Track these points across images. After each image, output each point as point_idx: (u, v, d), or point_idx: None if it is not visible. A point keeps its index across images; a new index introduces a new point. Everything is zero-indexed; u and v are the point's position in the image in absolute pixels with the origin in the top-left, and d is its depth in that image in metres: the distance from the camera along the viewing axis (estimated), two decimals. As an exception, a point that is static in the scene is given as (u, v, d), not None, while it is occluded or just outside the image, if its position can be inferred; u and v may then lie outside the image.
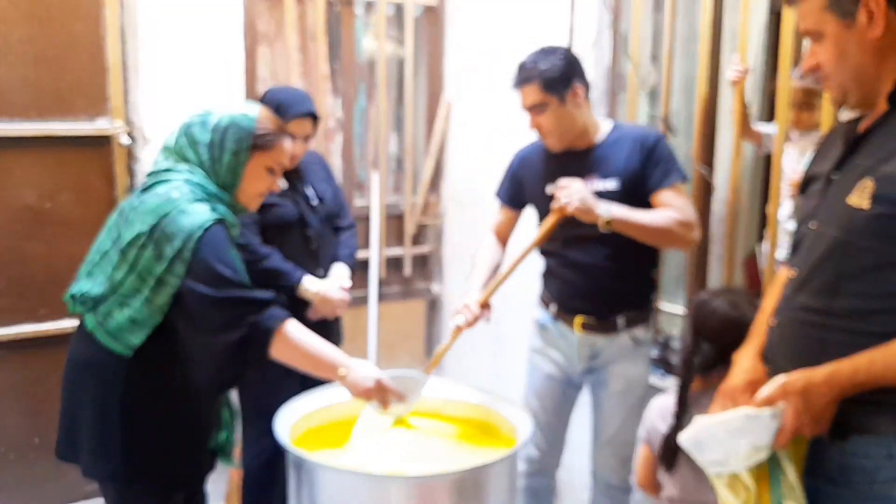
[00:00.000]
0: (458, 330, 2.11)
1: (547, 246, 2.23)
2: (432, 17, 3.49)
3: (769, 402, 1.27)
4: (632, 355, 2.24)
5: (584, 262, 2.18)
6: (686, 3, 2.66)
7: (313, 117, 2.49)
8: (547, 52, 2.14)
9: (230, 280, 1.62)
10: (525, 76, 2.13)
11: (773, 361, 1.43)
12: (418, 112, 3.58)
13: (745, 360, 1.49)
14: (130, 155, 2.79)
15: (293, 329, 1.68)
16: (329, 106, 3.33)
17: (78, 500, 2.86)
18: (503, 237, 2.39)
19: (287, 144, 1.81)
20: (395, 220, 3.55)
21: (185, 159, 1.72)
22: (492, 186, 2.47)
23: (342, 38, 3.32)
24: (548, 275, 2.32)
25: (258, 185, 1.77)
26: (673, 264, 2.85)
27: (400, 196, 3.58)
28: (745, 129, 2.48)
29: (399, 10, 3.44)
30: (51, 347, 2.76)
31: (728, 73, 2.40)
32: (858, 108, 1.38)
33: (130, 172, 2.81)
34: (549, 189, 2.18)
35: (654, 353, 2.65)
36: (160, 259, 1.60)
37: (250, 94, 2.99)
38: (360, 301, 3.30)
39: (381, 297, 3.39)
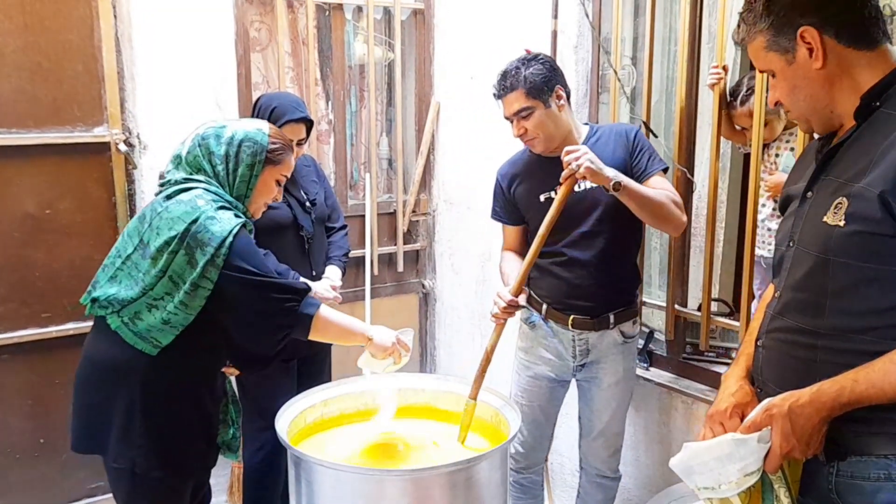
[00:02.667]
0: (498, 322, 2.12)
1: (546, 245, 2.22)
2: (420, 21, 3.54)
3: (755, 426, 1.25)
4: (621, 350, 2.31)
5: (581, 259, 2.22)
6: (665, 6, 2.72)
7: (307, 122, 2.54)
8: (527, 59, 2.20)
9: (265, 276, 1.76)
10: (509, 84, 2.17)
11: (762, 383, 1.42)
12: (408, 113, 3.63)
13: (732, 382, 1.45)
14: (128, 161, 2.84)
15: (327, 312, 1.87)
16: (321, 109, 3.39)
17: (82, 499, 2.93)
18: (519, 250, 2.40)
19: (292, 159, 1.93)
20: (387, 219, 3.62)
21: (199, 169, 1.82)
22: (480, 184, 2.52)
23: (333, 43, 3.37)
24: (538, 275, 2.34)
25: (266, 195, 1.90)
26: (656, 258, 2.93)
27: (392, 195, 3.64)
28: (726, 129, 2.55)
29: (388, 13, 3.49)
30: (54, 350, 2.82)
31: (707, 78, 2.46)
32: (823, 132, 1.39)
33: (129, 179, 2.86)
34: (543, 197, 2.25)
35: (639, 344, 2.74)
36: (192, 264, 1.70)
37: (244, 99, 3.03)
38: (355, 297, 3.37)
39: (376, 293, 3.47)
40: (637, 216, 2.13)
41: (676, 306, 2.61)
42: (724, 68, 2.40)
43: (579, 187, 2.19)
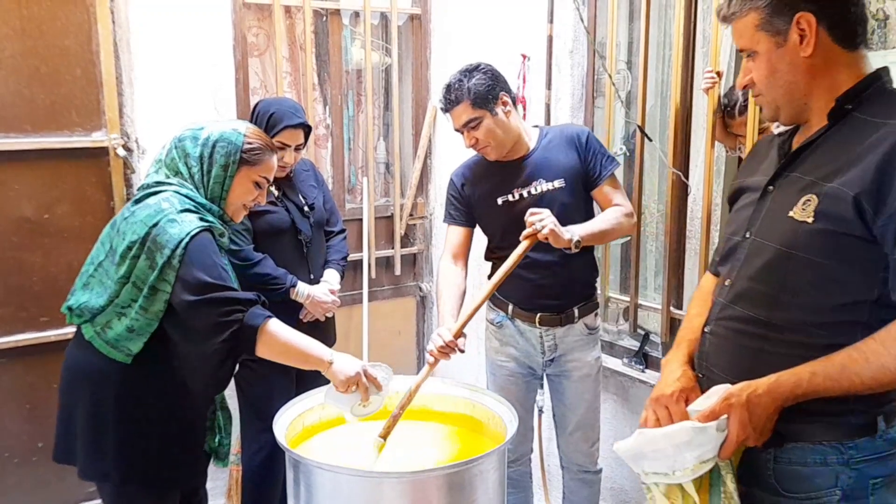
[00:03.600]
0: (433, 363, 2.08)
1: (502, 252, 2.26)
2: (417, 26, 3.56)
3: (714, 415, 1.27)
4: (587, 342, 2.38)
5: (544, 260, 2.27)
6: (660, 11, 2.74)
7: (305, 128, 2.56)
8: (469, 70, 2.24)
9: (213, 284, 1.68)
10: (454, 97, 2.22)
11: (707, 369, 1.44)
12: (405, 118, 3.65)
13: (675, 367, 1.47)
14: (127, 166, 2.84)
15: (276, 327, 1.74)
16: (318, 114, 3.40)
17: (80, 502, 2.93)
18: (462, 257, 2.42)
19: (273, 160, 1.89)
20: (384, 222, 3.63)
21: (177, 172, 1.79)
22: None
23: (330, 48, 3.38)
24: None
25: (244, 197, 1.85)
26: (651, 261, 2.94)
27: (389, 199, 3.65)
28: (720, 133, 2.57)
29: (385, 18, 3.51)
30: (52, 354, 2.81)
31: (702, 83, 2.48)
32: (789, 123, 1.40)
33: (127, 183, 2.86)
34: (501, 200, 2.30)
35: (634, 347, 2.76)
36: (153, 267, 1.67)
37: (242, 104, 3.05)
38: (353, 300, 3.38)
39: (373, 296, 3.48)
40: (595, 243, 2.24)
41: (671, 308, 2.62)
42: (719, 73, 2.42)
43: (536, 190, 2.27)
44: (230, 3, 2.98)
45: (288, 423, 1.99)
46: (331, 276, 2.72)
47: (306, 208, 2.64)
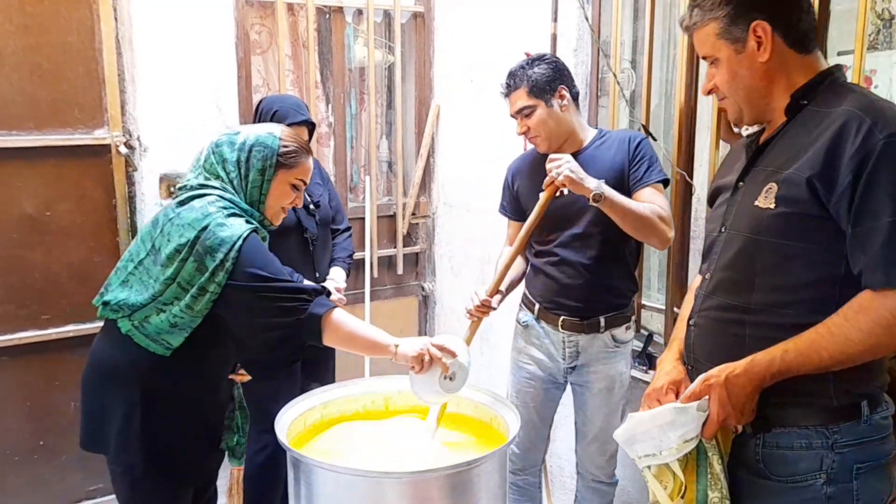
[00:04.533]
0: (472, 318, 2.17)
1: (537, 245, 2.31)
2: (420, 24, 3.55)
3: (695, 396, 1.34)
4: (613, 354, 2.31)
5: (572, 260, 2.24)
6: (664, 10, 2.73)
7: (309, 125, 2.55)
8: (534, 59, 2.25)
9: (273, 278, 1.72)
10: (514, 83, 2.23)
11: (693, 360, 1.51)
12: (408, 116, 3.64)
13: (667, 364, 1.56)
14: (129, 164, 2.84)
15: (341, 316, 1.77)
16: (321, 112, 3.39)
17: (81, 500, 2.93)
18: None
19: (309, 162, 1.89)
20: (387, 221, 3.62)
21: (217, 176, 1.81)
22: (479, 186, 2.54)
23: (333, 46, 3.38)
24: (532, 274, 2.38)
25: (282, 200, 1.86)
26: (654, 261, 2.93)
27: (391, 198, 3.65)
28: (725, 132, 2.56)
29: (388, 16, 3.50)
30: (53, 352, 2.83)
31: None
32: (752, 123, 1.48)
33: (129, 181, 2.86)
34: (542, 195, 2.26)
35: (638, 347, 2.74)
36: (202, 270, 1.68)
37: (244, 102, 3.04)
38: (355, 299, 3.38)
39: (375, 295, 3.47)
40: (620, 226, 2.13)
41: (675, 309, 2.61)
42: None
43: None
44: (233, 1, 2.98)
45: (289, 422, 1.98)
46: (337, 275, 2.71)
47: (312, 206, 2.63)
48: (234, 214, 1.75)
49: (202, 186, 1.78)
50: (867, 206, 1.24)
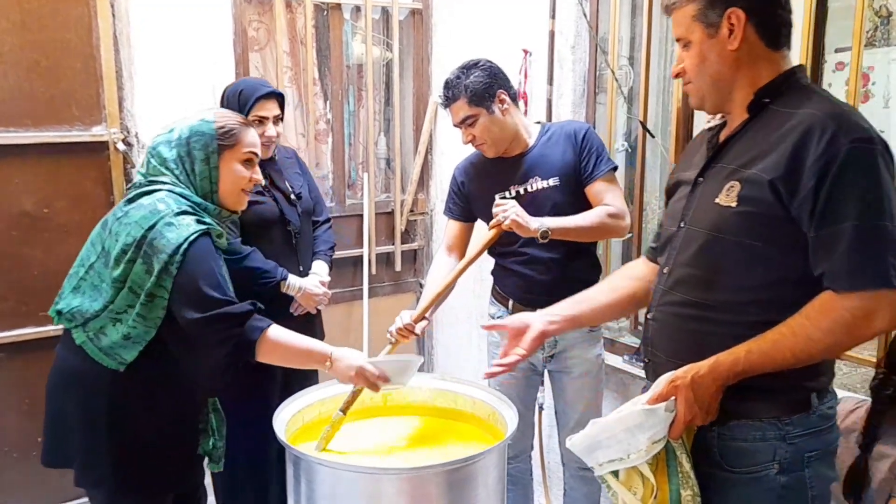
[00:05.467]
0: (394, 342, 2.15)
1: (503, 246, 2.33)
2: (418, 20, 3.55)
3: (661, 397, 1.35)
4: (587, 340, 2.37)
5: (542, 257, 2.28)
6: (662, 6, 2.73)
7: (277, 97, 2.49)
8: (468, 66, 2.26)
9: (214, 299, 1.64)
10: (451, 94, 2.24)
11: (652, 353, 1.54)
12: (406, 113, 3.64)
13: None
14: (126, 161, 2.84)
15: (276, 333, 1.73)
16: (319, 109, 3.39)
17: (80, 497, 2.92)
18: (458, 250, 2.45)
19: (252, 134, 1.82)
20: (385, 218, 3.62)
21: (167, 171, 1.74)
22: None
23: (331, 43, 3.38)
24: (503, 273, 2.41)
25: (238, 182, 1.79)
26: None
27: (389, 194, 3.65)
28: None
29: (386, 13, 3.50)
30: (52, 349, 2.71)
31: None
32: (713, 112, 1.50)
33: (127, 178, 2.86)
34: (498, 196, 2.29)
35: (635, 343, 2.75)
36: (150, 272, 1.63)
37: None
38: (353, 296, 3.38)
39: (374, 292, 3.48)
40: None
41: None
42: None
43: (531, 187, 2.28)
44: (231, -3, 2.98)
45: (287, 419, 1.98)
46: (320, 268, 2.66)
47: (293, 197, 2.58)
48: (184, 212, 1.68)
49: (151, 183, 1.73)
50: (831, 210, 1.26)
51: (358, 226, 3.46)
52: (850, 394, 2.05)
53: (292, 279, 2.51)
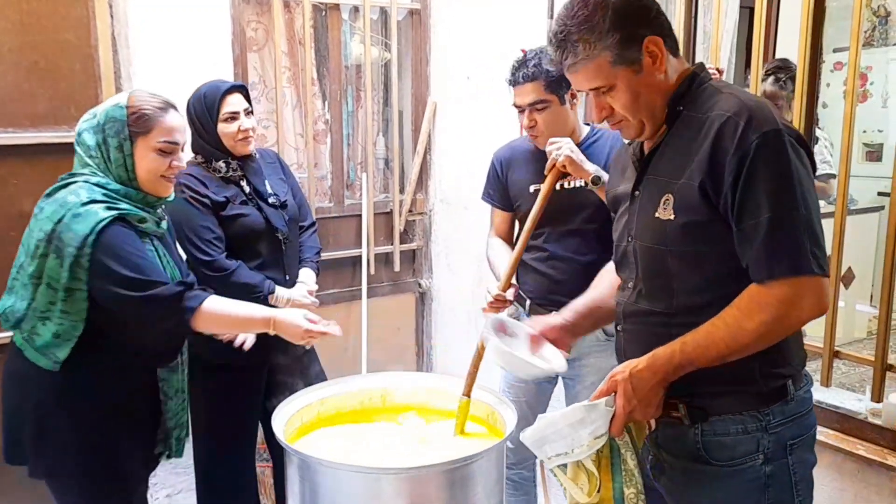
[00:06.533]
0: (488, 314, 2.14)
1: (532, 240, 2.27)
2: (417, 21, 3.55)
3: (602, 394, 1.40)
4: (603, 349, 2.31)
5: (562, 255, 2.26)
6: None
7: (241, 90, 2.44)
8: (548, 51, 2.20)
9: (139, 281, 1.63)
10: (529, 73, 2.15)
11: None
12: (405, 113, 3.64)
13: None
14: (124, 161, 2.84)
15: (212, 305, 1.74)
16: (318, 109, 3.39)
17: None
18: (506, 236, 2.42)
19: (169, 119, 1.75)
20: (384, 218, 3.62)
21: (86, 166, 1.73)
22: (476, 184, 2.53)
23: (329, 43, 3.38)
24: (522, 271, 2.37)
25: (155, 170, 1.73)
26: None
27: (388, 195, 3.65)
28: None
29: (384, 13, 3.50)
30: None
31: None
32: (651, 136, 1.48)
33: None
34: (533, 188, 2.26)
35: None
36: (62, 266, 1.60)
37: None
38: (352, 296, 3.38)
39: (373, 292, 3.48)
40: None
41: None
42: (719, 70, 2.41)
43: (569, 184, 2.22)
44: (229, -2, 2.98)
45: (286, 418, 1.98)
46: (307, 276, 2.60)
47: (272, 198, 2.49)
48: (93, 201, 1.64)
49: (71, 175, 1.71)
50: (747, 204, 1.30)
51: (356, 226, 3.46)
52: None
53: (280, 291, 2.45)
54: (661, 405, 1.41)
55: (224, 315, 1.76)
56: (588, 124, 2.40)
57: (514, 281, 2.21)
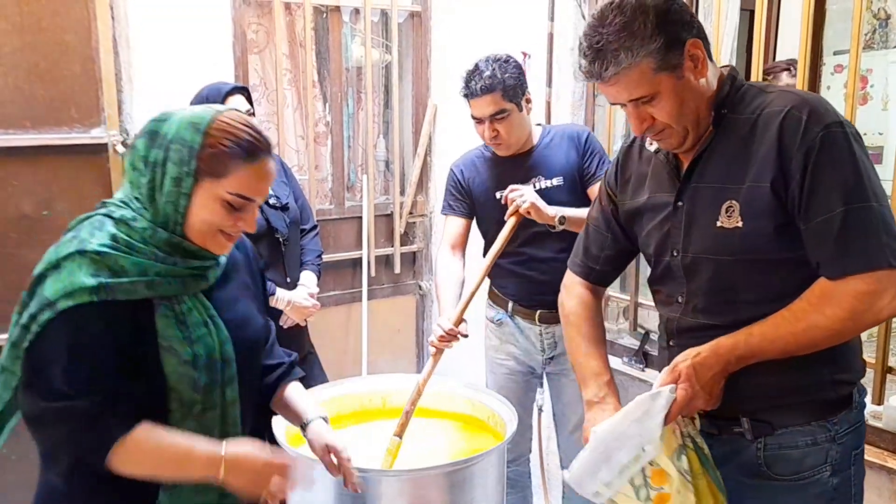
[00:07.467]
0: (435, 353, 2.10)
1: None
2: (417, 23, 3.55)
3: (663, 384, 1.33)
4: None
5: (541, 257, 2.28)
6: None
7: (242, 91, 2.45)
8: (501, 60, 2.21)
9: (58, 391, 1.18)
10: (486, 85, 2.16)
11: None
12: (405, 115, 3.64)
13: (613, 405, 1.48)
14: (125, 163, 2.84)
15: (144, 435, 1.22)
16: (318, 111, 3.40)
17: (80, 498, 2.93)
18: (461, 248, 2.43)
19: (255, 166, 1.27)
20: (384, 220, 3.62)
21: (130, 183, 1.29)
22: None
23: (330, 45, 3.38)
24: (501, 274, 2.37)
25: (215, 221, 1.27)
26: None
27: (389, 197, 3.65)
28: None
29: (385, 16, 3.51)
30: (50, 351, 2.82)
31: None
32: (693, 145, 1.40)
33: (125, 180, 2.86)
34: (499, 194, 2.28)
35: (634, 345, 2.75)
36: (13, 331, 1.24)
37: (241, 101, 3.04)
38: (352, 298, 3.38)
39: (373, 294, 3.48)
40: None
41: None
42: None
43: (535, 187, 2.26)
44: (230, 0, 2.98)
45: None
46: (308, 279, 2.61)
47: (273, 200, 2.49)
48: (92, 254, 1.20)
49: (103, 204, 1.31)
50: (817, 200, 1.25)
51: (357, 228, 3.46)
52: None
53: (280, 293, 2.47)
54: (721, 396, 1.34)
55: (153, 450, 1.23)
56: (539, 124, 2.42)
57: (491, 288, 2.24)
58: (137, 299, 1.23)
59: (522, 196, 2.08)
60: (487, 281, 2.47)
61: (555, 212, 2.10)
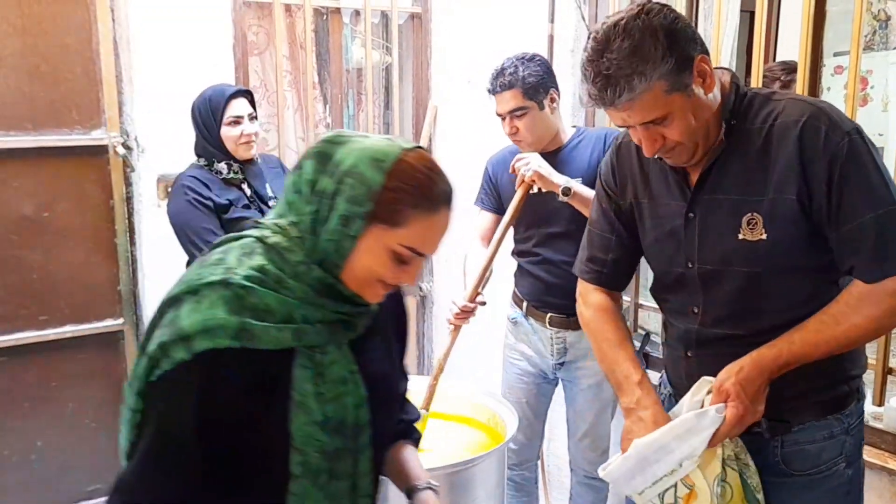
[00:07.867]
0: (455, 329, 2.17)
1: (518, 245, 2.36)
2: (417, 25, 3.55)
3: (711, 403, 1.33)
4: None
5: (554, 259, 2.28)
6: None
7: (245, 94, 2.46)
8: (525, 58, 2.23)
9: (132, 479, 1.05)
10: (506, 82, 2.20)
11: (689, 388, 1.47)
12: (405, 117, 3.64)
13: (650, 410, 1.44)
14: (126, 164, 2.84)
15: None
16: (319, 113, 3.40)
17: (81, 500, 2.92)
18: (489, 240, 2.42)
19: (435, 220, 1.12)
20: (384, 222, 3.62)
21: (290, 203, 1.11)
22: (477, 187, 2.55)
23: (330, 47, 3.38)
24: (519, 274, 2.43)
25: (378, 272, 1.10)
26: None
27: (389, 198, 3.65)
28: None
29: (385, 17, 3.51)
30: (51, 353, 2.82)
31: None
32: (701, 158, 1.39)
33: (126, 182, 2.87)
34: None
35: (636, 346, 2.75)
36: (136, 372, 1.06)
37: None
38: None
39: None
40: None
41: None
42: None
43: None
44: (230, 2, 2.98)
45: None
46: None
47: (273, 203, 2.49)
48: (244, 290, 1.03)
49: (257, 225, 1.13)
50: (846, 207, 1.26)
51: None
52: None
53: None
54: (764, 407, 1.34)
55: None
56: (575, 127, 2.43)
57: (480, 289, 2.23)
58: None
59: (528, 164, 2.07)
60: (489, 286, 2.47)
61: (562, 180, 2.08)
